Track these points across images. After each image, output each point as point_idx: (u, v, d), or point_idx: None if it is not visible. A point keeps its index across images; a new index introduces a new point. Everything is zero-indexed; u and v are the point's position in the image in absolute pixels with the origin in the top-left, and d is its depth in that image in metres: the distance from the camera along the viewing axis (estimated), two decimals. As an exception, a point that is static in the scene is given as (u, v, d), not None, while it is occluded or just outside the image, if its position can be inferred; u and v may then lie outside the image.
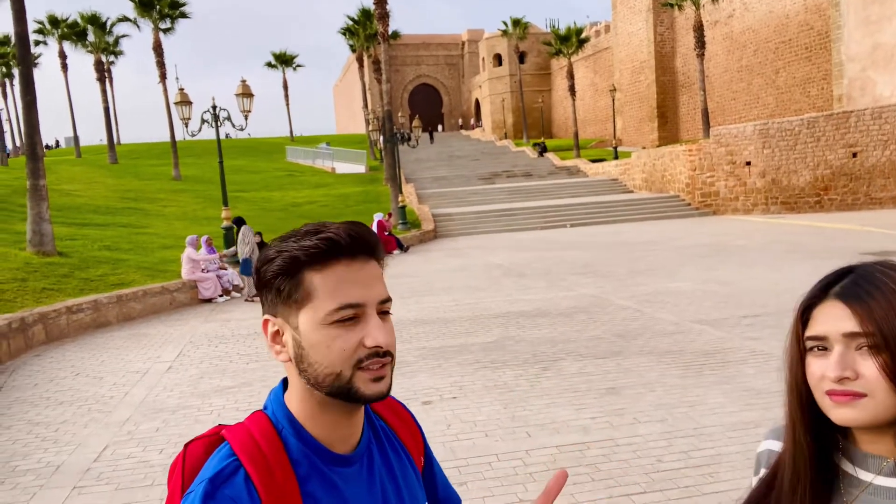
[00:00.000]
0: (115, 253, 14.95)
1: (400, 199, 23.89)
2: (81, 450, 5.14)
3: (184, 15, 37.04)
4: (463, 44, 79.01)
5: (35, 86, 13.30)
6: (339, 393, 0.95)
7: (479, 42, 72.07)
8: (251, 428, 0.99)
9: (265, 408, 1.04)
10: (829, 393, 0.92)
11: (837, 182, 23.40)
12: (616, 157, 37.71)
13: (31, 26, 44.08)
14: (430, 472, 1.21)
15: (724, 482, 3.95)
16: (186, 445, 1.02)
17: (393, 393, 4.31)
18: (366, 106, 50.17)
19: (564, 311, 9.49)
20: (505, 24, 57.23)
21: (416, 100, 77.62)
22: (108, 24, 41.75)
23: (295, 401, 1.00)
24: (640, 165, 29.90)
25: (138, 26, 38.01)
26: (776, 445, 1.09)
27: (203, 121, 14.90)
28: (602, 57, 57.65)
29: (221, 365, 7.61)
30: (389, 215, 21.40)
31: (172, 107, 22.40)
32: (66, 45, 45.04)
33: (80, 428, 5.69)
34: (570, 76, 48.02)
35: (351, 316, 0.94)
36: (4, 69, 47.17)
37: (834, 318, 0.93)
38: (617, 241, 18.24)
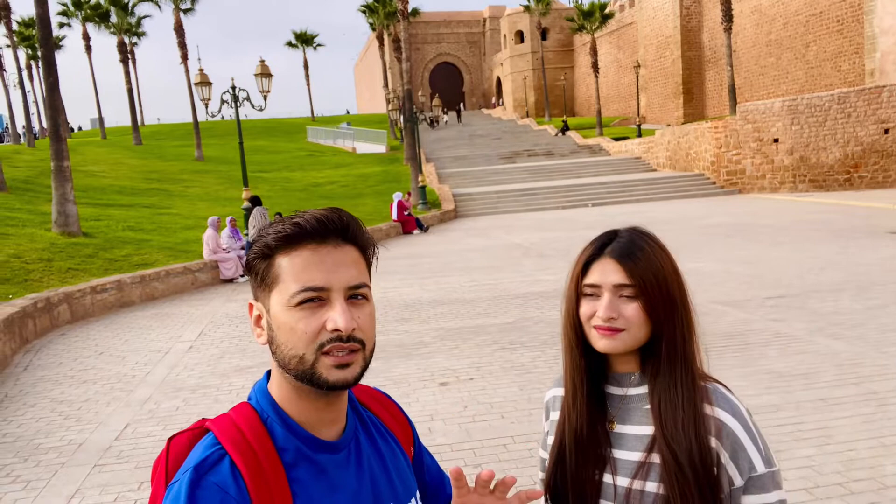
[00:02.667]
0: (139, 233, 15.14)
1: (420, 178, 23.80)
2: (103, 428, 5.22)
3: (204, -5, 37.01)
4: (484, 20, 78.01)
5: (57, 67, 13.40)
6: (303, 377, 0.94)
7: (501, 19, 71.09)
8: (235, 418, 0.99)
9: (249, 398, 1.04)
10: (597, 328, 1.20)
11: (868, 159, 22.79)
12: (639, 135, 37.12)
13: (56, 8, 44.56)
14: (420, 463, 1.21)
15: (743, 467, 3.87)
16: (170, 440, 1.02)
17: (410, 373, 4.31)
18: (386, 85, 49.92)
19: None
20: (527, -1, 56.31)
21: (436, 78, 77.05)
22: (130, 4, 41.94)
23: (275, 387, 1.01)
24: (664, 143, 29.40)
25: (159, 6, 38.15)
26: (561, 392, 1.33)
27: (223, 101, 14.93)
28: (626, 32, 56.56)
29: (241, 345, 7.67)
30: (409, 195, 21.35)
31: (193, 88, 22.48)
32: (90, 27, 45.37)
33: (102, 406, 5.78)
34: (594, 53, 47.22)
35: (313, 298, 0.93)
36: (30, 51, 47.69)
37: (607, 272, 1.21)
38: (639, 221, 17.73)
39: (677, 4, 46.96)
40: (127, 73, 42.26)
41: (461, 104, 73.39)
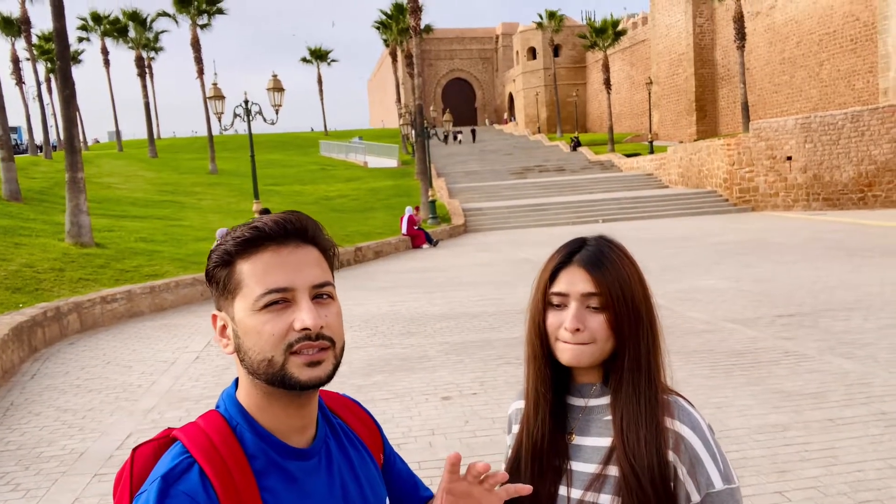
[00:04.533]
0: (151, 245, 15.26)
1: (430, 193, 23.86)
2: (105, 437, 5.22)
3: (220, 11, 37.61)
4: (497, 37, 78.57)
5: (73, 80, 13.61)
6: (274, 380, 0.93)
7: (514, 35, 71.55)
8: (204, 426, 0.97)
9: (217, 406, 1.03)
10: (564, 341, 1.18)
11: (882, 178, 22.59)
12: (651, 152, 37.07)
13: (75, 23, 45.38)
14: (391, 468, 1.20)
15: (748, 486, 3.80)
16: (134, 450, 1.00)
17: (413, 387, 4.28)
18: (399, 100, 50.28)
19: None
20: (540, 16, 56.77)
21: (449, 94, 77.54)
22: (148, 20, 42.64)
23: (244, 395, 0.99)
24: (677, 160, 29.32)
25: (177, 22, 38.75)
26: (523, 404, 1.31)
27: (235, 115, 15.08)
28: (639, 49, 56.71)
29: (247, 356, 7.67)
30: (417, 209, 21.43)
31: (207, 101, 22.74)
32: (108, 42, 46.21)
33: (106, 416, 5.80)
34: (606, 69, 47.34)
35: (278, 300, 0.92)
36: (49, 65, 48.55)
37: (576, 281, 1.18)
38: (650, 237, 17.90)
39: (690, 22, 47.08)
40: (144, 87, 42.88)
41: (486, 121, 73.68)
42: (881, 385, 5.45)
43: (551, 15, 55.85)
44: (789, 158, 23.58)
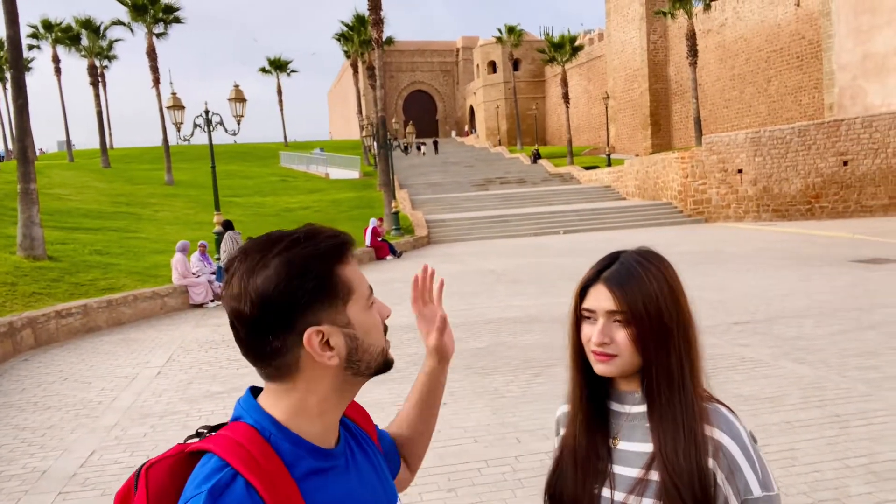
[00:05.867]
0: (106, 257, 14.87)
1: (393, 204, 23.87)
2: (68, 455, 5.09)
3: (178, 20, 37.00)
4: (458, 51, 79.29)
5: (27, 89, 13.23)
6: (384, 366, 1.05)
7: (474, 49, 72.33)
8: (237, 437, 0.95)
9: (239, 417, 1.01)
10: (593, 352, 1.24)
11: (828, 190, 23.55)
12: (609, 165, 37.85)
13: (25, 30, 44.00)
14: (384, 444, 1.29)
15: (712, 488, 3.94)
16: (146, 469, 0.95)
17: (381, 398, 4.33)
18: (360, 112, 50.22)
19: (557, 317, 9.48)
20: (500, 31, 57.60)
21: (410, 106, 77.78)
22: (102, 28, 41.67)
23: (287, 405, 0.99)
24: (633, 173, 30.01)
25: (132, 30, 37.97)
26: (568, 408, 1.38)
27: (196, 125, 14.87)
28: (596, 65, 57.95)
29: (211, 370, 7.56)
30: (381, 220, 21.40)
31: (165, 111, 22.34)
32: (60, 50, 44.90)
33: (66, 433, 5.64)
34: (564, 83, 48.23)
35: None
36: (-3, 73, 47.00)
37: (601, 298, 1.24)
38: (610, 248, 17.98)
39: (644, 39, 48.39)
40: (97, 96, 41.83)
41: (451, 132, 74.05)
42: (834, 388, 5.70)
43: (511, 30, 56.71)
44: (740, 171, 24.39)
